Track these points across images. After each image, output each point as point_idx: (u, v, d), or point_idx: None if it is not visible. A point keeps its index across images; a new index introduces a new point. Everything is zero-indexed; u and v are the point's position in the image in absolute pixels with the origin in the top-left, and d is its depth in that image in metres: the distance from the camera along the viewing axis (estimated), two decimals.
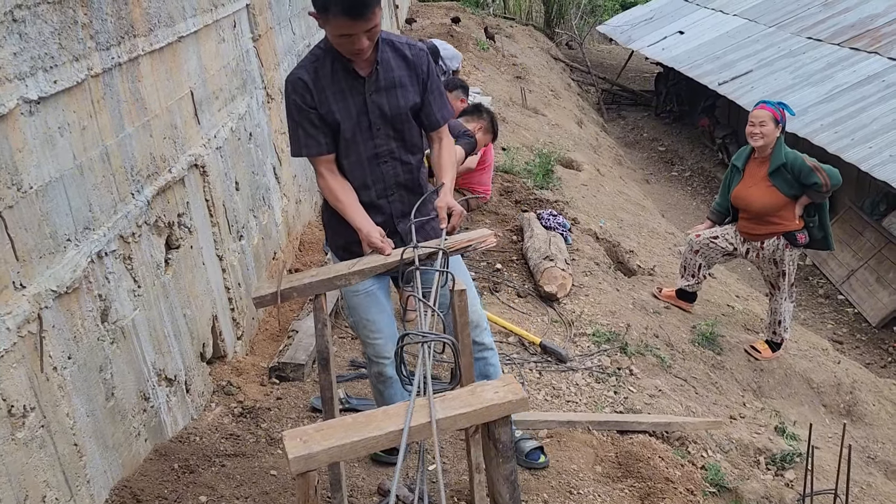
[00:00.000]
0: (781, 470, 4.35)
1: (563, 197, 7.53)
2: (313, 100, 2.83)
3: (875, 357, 8.21)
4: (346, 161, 2.94)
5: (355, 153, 2.92)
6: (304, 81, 2.83)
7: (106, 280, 2.93)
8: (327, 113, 2.85)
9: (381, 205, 3.00)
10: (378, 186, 2.98)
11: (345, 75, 2.84)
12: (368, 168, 2.95)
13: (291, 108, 2.87)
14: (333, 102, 2.85)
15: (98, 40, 2.91)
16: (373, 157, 2.95)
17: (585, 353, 4.73)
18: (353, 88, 2.86)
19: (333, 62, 2.83)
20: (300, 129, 2.87)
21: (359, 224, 2.87)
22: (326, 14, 2.63)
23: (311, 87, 2.82)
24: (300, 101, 2.83)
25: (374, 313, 3.06)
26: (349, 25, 2.63)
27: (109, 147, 3.00)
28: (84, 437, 2.73)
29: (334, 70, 2.83)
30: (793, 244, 5.29)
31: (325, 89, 2.83)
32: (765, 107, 5.23)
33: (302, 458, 1.86)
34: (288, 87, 2.86)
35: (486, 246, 2.93)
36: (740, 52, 13.20)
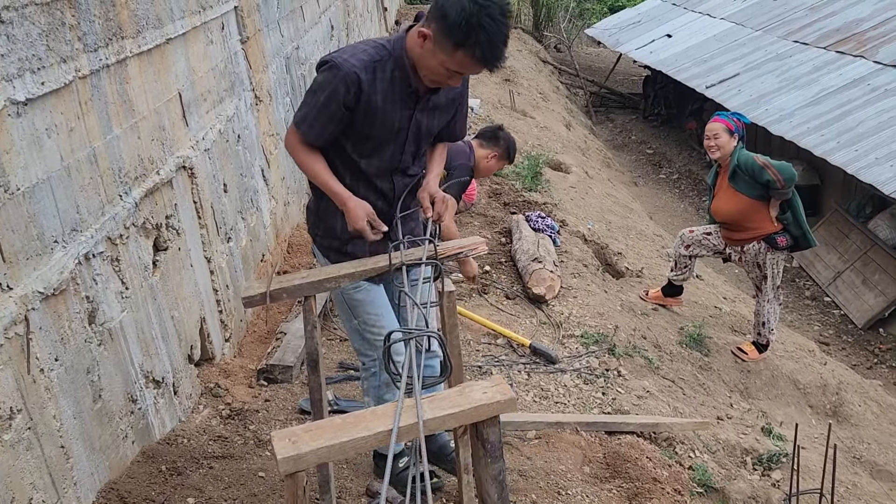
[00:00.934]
0: (768, 470, 4.38)
1: (552, 199, 7.56)
2: (356, 100, 2.68)
3: (861, 358, 8.27)
4: (363, 161, 2.84)
5: (378, 159, 2.84)
6: (359, 79, 2.64)
7: (93, 282, 2.93)
8: (366, 117, 2.72)
9: (384, 210, 2.92)
10: (388, 195, 2.93)
11: (402, 86, 2.72)
12: (383, 176, 2.89)
13: (326, 92, 2.67)
14: (381, 110, 2.72)
15: (86, 42, 2.91)
16: (394, 170, 2.89)
17: (574, 355, 4.74)
18: (405, 102, 2.75)
19: (395, 71, 2.69)
20: (318, 111, 2.72)
21: (344, 198, 2.77)
22: (457, 49, 2.50)
23: (363, 88, 2.66)
24: (342, 94, 2.66)
25: (379, 307, 3.02)
26: (474, 69, 2.58)
27: (97, 149, 2.99)
28: (71, 440, 2.72)
29: (393, 77, 2.70)
30: (774, 247, 5.33)
31: (377, 93, 2.69)
32: (718, 119, 5.39)
33: (291, 458, 1.86)
34: (337, 73, 2.64)
35: (477, 253, 2.94)
36: (727, 55, 13.27)
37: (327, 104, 2.69)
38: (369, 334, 3.04)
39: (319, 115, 2.72)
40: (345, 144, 2.81)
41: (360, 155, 2.83)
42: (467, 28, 2.44)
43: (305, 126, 2.76)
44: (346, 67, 2.64)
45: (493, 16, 2.45)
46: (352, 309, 3.03)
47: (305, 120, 2.75)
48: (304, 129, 2.77)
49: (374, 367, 3.12)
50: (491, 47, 2.49)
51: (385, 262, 2.76)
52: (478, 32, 2.45)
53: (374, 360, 3.10)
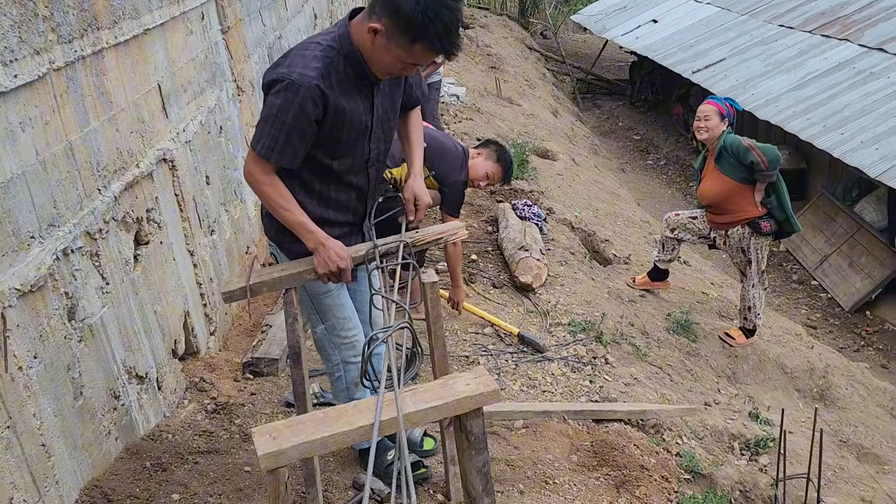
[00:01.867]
0: (755, 455, 4.39)
1: (539, 187, 7.53)
2: (323, 111, 2.55)
3: (848, 341, 8.31)
4: (335, 162, 2.71)
5: (350, 157, 2.74)
6: (321, 91, 2.50)
7: (72, 277, 2.89)
8: (334, 123, 2.60)
9: (358, 208, 2.88)
10: (363, 189, 2.85)
11: (356, 77, 2.61)
12: (356, 171, 2.79)
13: (290, 112, 2.51)
14: (349, 111, 2.62)
15: (60, 33, 2.86)
16: (364, 161, 2.79)
17: (561, 343, 4.73)
18: (363, 91, 2.65)
19: (347, 67, 2.58)
20: (284, 135, 2.54)
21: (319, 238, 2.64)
22: (414, 43, 2.42)
23: (327, 96, 2.52)
24: (310, 111, 2.51)
25: (348, 310, 3.02)
26: (430, 59, 2.54)
27: (74, 142, 2.94)
28: (52, 438, 2.69)
29: (348, 75, 2.59)
30: (758, 232, 5.34)
31: (338, 96, 2.57)
32: (711, 102, 5.43)
33: (272, 454, 1.84)
34: (298, 91, 2.48)
35: (457, 238, 2.92)
36: (713, 40, 13.26)
37: (296, 125, 2.53)
38: (336, 338, 3.02)
39: (290, 138, 2.56)
40: (314, 153, 2.67)
41: (332, 157, 2.71)
42: (423, 21, 2.36)
43: (276, 154, 2.57)
44: (305, 82, 2.49)
45: (447, 4, 2.37)
46: (320, 313, 2.99)
47: (274, 148, 2.56)
48: (275, 157, 2.58)
49: (338, 371, 3.11)
50: (449, 37, 2.42)
51: (363, 252, 2.74)
52: (434, 24, 2.37)
53: (337, 364, 3.08)
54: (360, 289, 3.15)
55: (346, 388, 3.13)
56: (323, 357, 3.16)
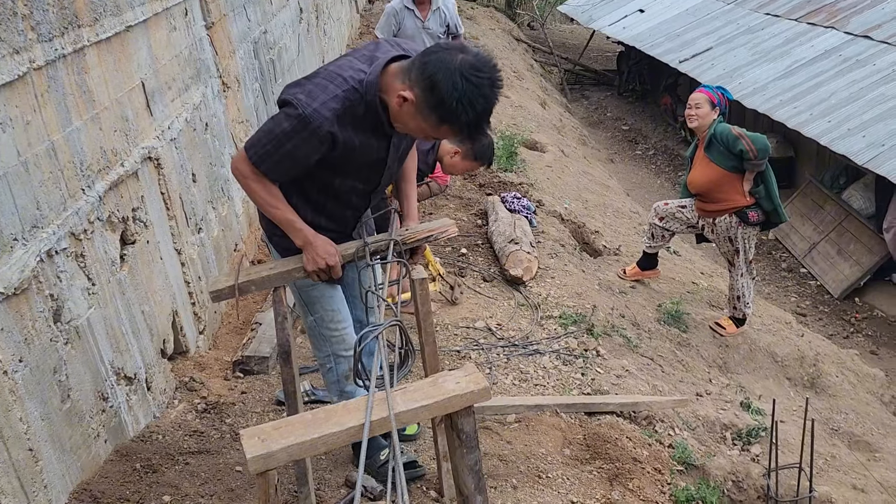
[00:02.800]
0: (747, 445, 4.39)
1: (528, 179, 7.52)
2: (332, 149, 2.52)
3: (837, 328, 8.34)
4: (339, 181, 2.70)
5: (358, 181, 2.74)
6: (332, 136, 2.47)
7: (57, 279, 2.85)
8: (342, 158, 2.58)
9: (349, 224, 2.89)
10: (358, 210, 2.87)
11: (374, 126, 2.57)
12: (359, 195, 2.80)
13: (293, 142, 2.49)
14: (358, 148, 2.58)
15: (40, 31, 2.82)
16: (366, 188, 2.79)
17: (552, 336, 4.72)
18: (380, 132, 2.61)
19: (367, 113, 2.52)
20: (279, 156, 2.52)
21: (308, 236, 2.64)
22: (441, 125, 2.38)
23: (337, 140, 2.49)
24: (313, 148, 2.50)
25: (337, 302, 2.99)
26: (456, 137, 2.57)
27: (56, 142, 2.91)
28: (39, 442, 2.66)
29: (365, 118, 2.53)
30: (745, 222, 5.35)
31: (351, 136, 2.53)
32: (702, 90, 5.43)
33: (261, 457, 1.82)
34: (307, 127, 2.45)
35: (447, 236, 2.91)
36: (700, 29, 13.25)
37: (294, 153, 2.51)
38: (326, 330, 3.00)
39: (284, 161, 2.54)
40: (320, 173, 2.66)
41: (340, 178, 2.70)
42: (457, 107, 2.30)
43: (266, 167, 2.56)
44: (317, 122, 2.44)
45: (485, 94, 2.30)
46: (308, 305, 2.97)
47: (265, 161, 2.55)
48: (265, 168, 2.56)
49: (328, 362, 3.09)
50: (478, 125, 2.36)
51: (352, 250, 2.73)
52: (467, 112, 2.30)
53: (327, 356, 3.06)
54: (350, 283, 3.13)
55: (337, 380, 3.11)
56: (314, 348, 3.15)
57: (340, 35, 10.49)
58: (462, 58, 2.29)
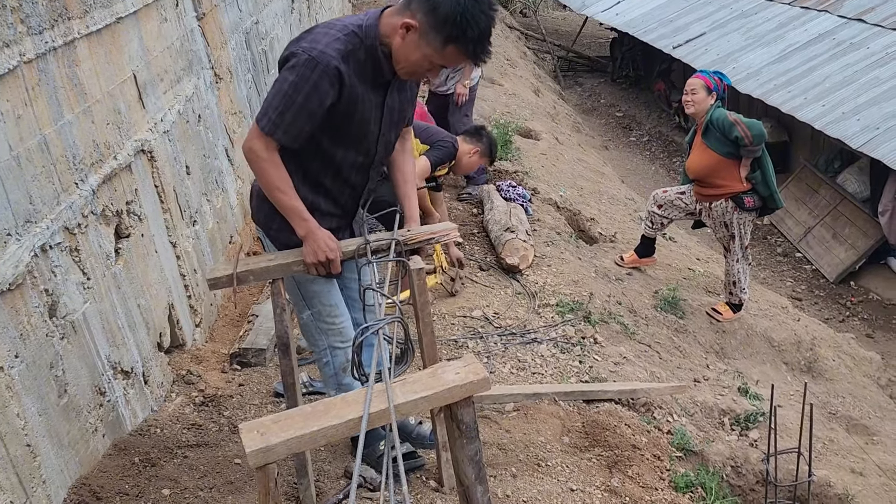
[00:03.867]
0: (746, 430, 4.40)
1: (523, 167, 7.49)
2: (339, 95, 2.49)
3: (833, 312, 8.36)
4: (338, 152, 2.66)
5: (355, 152, 2.69)
6: (340, 73, 2.44)
7: (52, 274, 2.84)
8: (346, 110, 2.54)
9: (349, 206, 2.86)
10: (358, 189, 2.82)
11: (373, 71, 2.55)
12: (357, 169, 2.75)
13: (304, 90, 2.44)
14: (359, 102, 2.56)
15: (29, 24, 2.79)
16: (368, 162, 2.75)
17: (549, 324, 4.72)
18: (377, 87, 2.60)
19: (366, 59, 2.52)
20: (293, 112, 2.47)
21: (311, 227, 2.61)
22: (447, 44, 2.40)
23: (343, 80, 2.46)
24: (324, 91, 2.45)
25: (335, 297, 2.97)
26: (459, 63, 2.55)
27: (48, 136, 2.88)
28: (37, 437, 2.65)
29: (365, 63, 2.52)
30: (741, 208, 5.34)
31: (356, 84, 2.51)
32: (699, 76, 5.40)
33: (260, 451, 1.81)
34: (316, 68, 2.42)
35: (448, 239, 2.89)
36: (693, 14, 13.21)
37: (306, 104, 2.46)
38: (323, 324, 2.98)
39: (298, 118, 2.48)
40: (320, 139, 2.62)
41: (338, 147, 2.66)
42: (462, 23, 2.34)
43: (280, 132, 2.50)
44: (324, 61, 2.42)
45: (485, 10, 2.37)
46: (306, 300, 2.94)
47: (280, 125, 2.49)
48: (279, 135, 2.51)
49: (325, 356, 3.06)
50: (482, 42, 2.41)
51: (353, 247, 2.72)
52: (472, 27, 2.36)
53: (324, 349, 3.04)
54: (348, 283, 3.12)
55: (335, 373, 3.09)
56: (309, 343, 3.12)
57: None
58: None
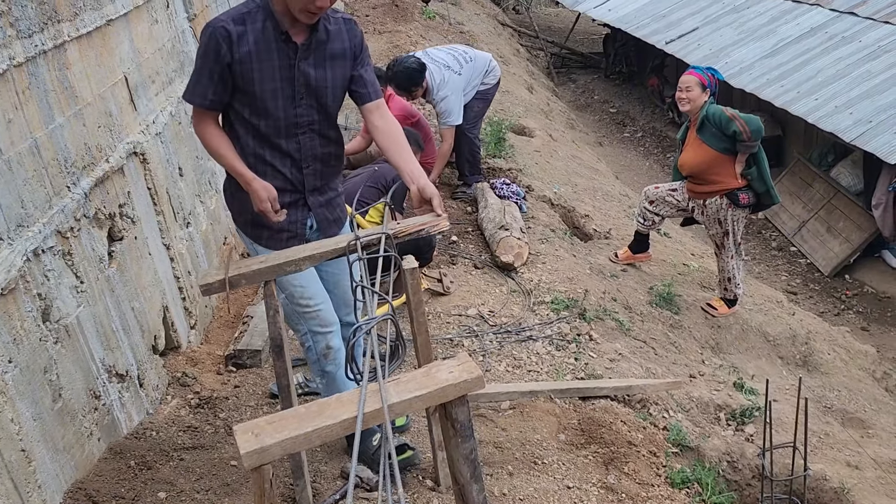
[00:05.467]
0: (741, 425, 4.41)
1: (517, 165, 7.48)
2: (230, 54, 2.67)
3: (828, 306, 8.37)
4: (261, 122, 2.80)
5: (273, 118, 2.80)
6: (227, 32, 2.66)
7: (45, 278, 2.83)
8: (243, 71, 2.70)
9: (294, 176, 2.91)
10: (294, 156, 2.88)
11: (276, 37, 2.71)
12: (285, 136, 2.84)
13: (201, 52, 2.71)
14: (256, 62, 2.70)
15: (19, 28, 2.78)
16: (292, 126, 2.83)
17: (545, 322, 4.72)
18: (282, 52, 2.73)
19: (266, 20, 2.69)
20: (198, 75, 2.73)
21: (249, 178, 2.77)
22: None
23: (233, 39, 2.66)
24: (213, 50, 2.67)
25: (305, 279, 2.96)
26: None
27: (39, 139, 2.88)
28: (32, 442, 2.65)
29: (265, 28, 2.69)
30: (736, 204, 5.33)
31: (249, 46, 2.68)
32: (692, 72, 5.36)
33: (255, 452, 1.81)
34: (207, 31, 2.69)
35: (439, 230, 2.88)
36: (685, 9, 13.20)
37: (205, 65, 2.70)
38: (298, 307, 3.01)
39: (201, 78, 2.72)
40: (241, 110, 2.79)
41: (257, 115, 2.78)
42: None
43: (194, 95, 2.75)
44: (214, 23, 2.68)
45: None
46: (278, 283, 2.95)
47: (192, 89, 2.75)
48: (195, 99, 2.76)
49: (306, 340, 3.09)
50: None
51: (344, 244, 2.71)
52: None
53: (305, 334, 3.07)
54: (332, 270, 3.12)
55: (317, 359, 3.11)
56: (292, 328, 3.15)
57: None
58: None
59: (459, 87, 5.78)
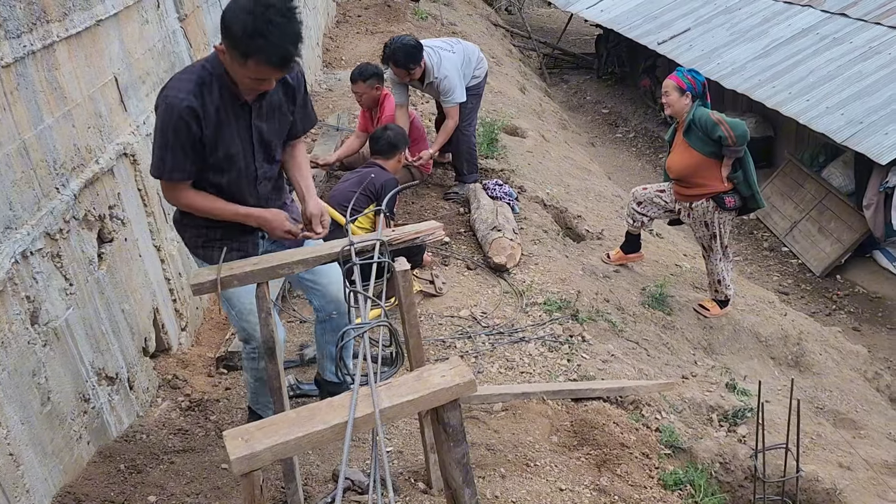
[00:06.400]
0: (734, 426, 4.41)
1: (509, 165, 7.48)
2: (200, 129, 2.70)
3: (820, 306, 8.39)
4: (224, 177, 2.86)
5: (236, 171, 2.87)
6: (193, 110, 2.67)
7: (34, 280, 2.81)
8: (213, 140, 2.75)
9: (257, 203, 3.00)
10: (252, 203, 2.96)
11: (231, 101, 2.76)
12: (246, 188, 2.94)
13: (168, 131, 2.69)
14: (224, 128, 2.76)
15: (7, 28, 2.76)
16: (253, 179, 2.94)
17: (538, 323, 4.72)
18: (238, 115, 2.80)
19: (221, 89, 2.73)
20: (171, 152, 2.71)
21: (256, 215, 2.88)
22: (247, 59, 2.54)
23: (199, 115, 2.69)
24: (184, 129, 2.67)
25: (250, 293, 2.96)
26: (270, 73, 2.62)
27: (27, 140, 2.85)
28: (20, 446, 2.62)
29: (222, 95, 2.74)
30: (722, 207, 5.33)
31: (212, 116, 2.72)
32: (672, 76, 5.34)
33: (244, 458, 1.80)
34: (171, 110, 2.67)
35: (434, 239, 2.88)
36: (677, 10, 13.23)
37: (177, 141, 2.69)
38: (245, 323, 3.09)
39: (175, 154, 2.70)
40: (204, 171, 2.83)
41: (220, 174, 2.85)
42: (249, 38, 2.48)
43: (173, 171, 2.74)
44: (178, 103, 2.65)
45: (272, 20, 2.48)
46: (227, 299, 3.05)
47: (166, 166, 2.73)
48: (175, 175, 2.76)
49: (254, 353, 3.16)
50: (278, 51, 2.52)
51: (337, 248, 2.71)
52: (260, 40, 2.48)
53: (254, 348, 3.14)
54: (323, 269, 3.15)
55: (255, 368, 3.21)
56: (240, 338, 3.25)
57: (317, 24, 10.39)
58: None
59: (457, 65, 5.89)
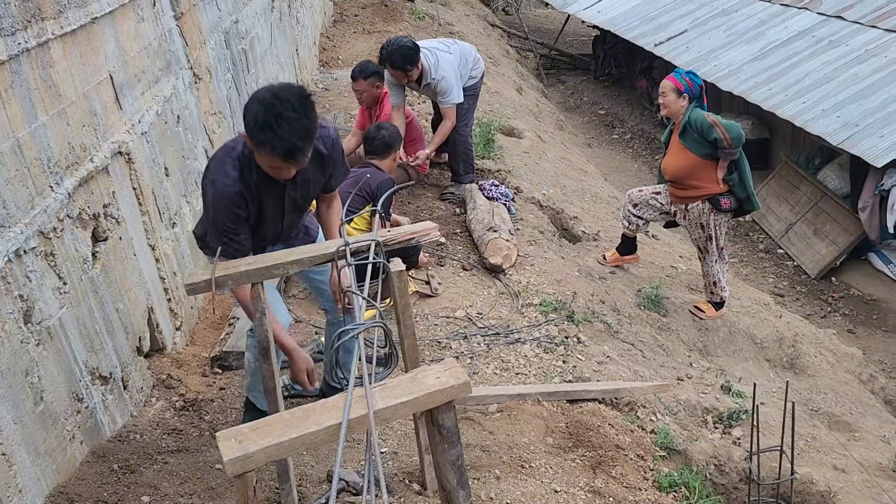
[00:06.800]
0: (729, 428, 4.41)
1: (505, 166, 7.47)
2: (248, 210, 2.86)
3: (815, 308, 8.39)
4: (259, 241, 3.04)
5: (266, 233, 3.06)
6: (242, 196, 2.82)
7: (27, 279, 2.79)
8: (258, 212, 2.92)
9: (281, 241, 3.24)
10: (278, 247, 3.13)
11: (266, 179, 2.87)
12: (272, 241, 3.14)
13: (224, 218, 2.83)
14: (264, 202, 2.91)
15: (1, 25, 2.74)
16: (278, 234, 3.13)
17: (533, 324, 4.71)
18: (274, 189, 2.92)
19: (255, 168, 2.84)
20: (231, 236, 2.85)
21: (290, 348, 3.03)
22: (259, 150, 2.66)
23: (246, 198, 2.84)
24: (238, 213, 2.83)
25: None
26: (279, 164, 2.69)
27: (21, 138, 2.84)
28: (13, 446, 2.61)
29: (260, 176, 2.85)
30: (717, 209, 5.33)
31: (255, 195, 2.87)
32: (670, 77, 5.34)
33: (238, 459, 1.78)
34: (223, 199, 2.80)
35: (429, 239, 2.88)
36: (674, 12, 13.23)
37: (235, 223, 2.85)
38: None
39: (227, 235, 2.85)
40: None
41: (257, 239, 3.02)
42: (259, 129, 2.58)
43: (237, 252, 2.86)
44: (227, 191, 2.80)
45: (282, 113, 2.55)
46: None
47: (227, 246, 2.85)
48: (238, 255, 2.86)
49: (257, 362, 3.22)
50: (284, 144, 2.59)
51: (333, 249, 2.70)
52: (269, 133, 2.57)
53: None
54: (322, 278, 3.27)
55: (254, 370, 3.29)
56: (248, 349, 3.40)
57: (314, 23, 10.38)
58: (268, 87, 2.63)
59: (454, 65, 5.88)
